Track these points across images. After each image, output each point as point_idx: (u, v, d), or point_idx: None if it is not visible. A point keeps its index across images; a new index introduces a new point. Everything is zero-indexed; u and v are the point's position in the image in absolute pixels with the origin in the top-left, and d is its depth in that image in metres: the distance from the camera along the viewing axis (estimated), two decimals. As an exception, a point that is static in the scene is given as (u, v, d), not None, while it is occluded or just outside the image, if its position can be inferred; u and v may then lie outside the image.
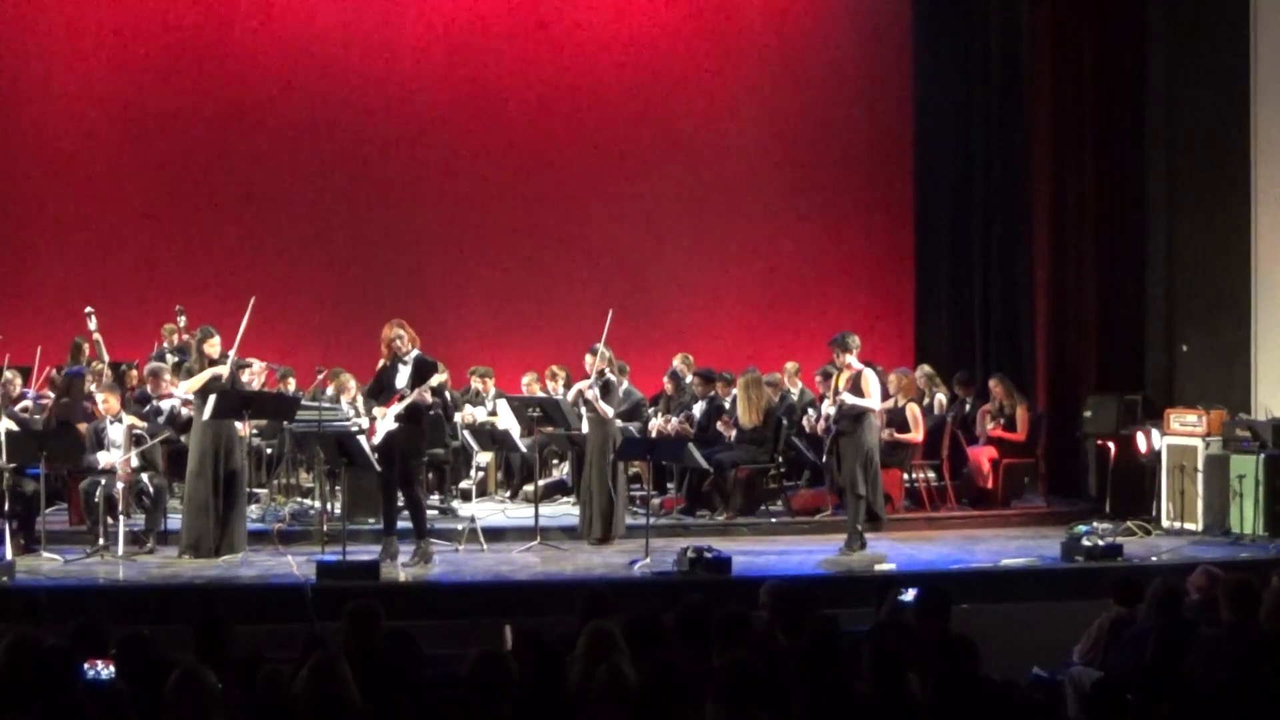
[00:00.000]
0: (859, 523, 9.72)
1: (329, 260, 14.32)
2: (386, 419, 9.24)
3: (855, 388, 9.67)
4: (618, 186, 14.65)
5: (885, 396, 11.62)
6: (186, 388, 9.64)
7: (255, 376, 11.19)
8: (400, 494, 9.35)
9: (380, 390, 9.44)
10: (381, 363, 9.43)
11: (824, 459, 10.01)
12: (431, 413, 9.51)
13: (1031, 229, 13.38)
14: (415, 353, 9.38)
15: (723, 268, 14.72)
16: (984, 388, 12.44)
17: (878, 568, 9.19)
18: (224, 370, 9.41)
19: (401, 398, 9.26)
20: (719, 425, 11.45)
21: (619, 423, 10.88)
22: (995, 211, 13.98)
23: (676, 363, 12.70)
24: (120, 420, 9.82)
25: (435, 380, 9.24)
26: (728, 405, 11.64)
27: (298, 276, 14.18)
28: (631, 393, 12.22)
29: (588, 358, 10.31)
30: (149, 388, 10.55)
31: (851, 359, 9.72)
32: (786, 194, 14.65)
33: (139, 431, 9.86)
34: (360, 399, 11.09)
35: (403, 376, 9.32)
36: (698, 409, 11.64)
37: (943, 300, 14.46)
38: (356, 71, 14.19)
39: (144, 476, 9.68)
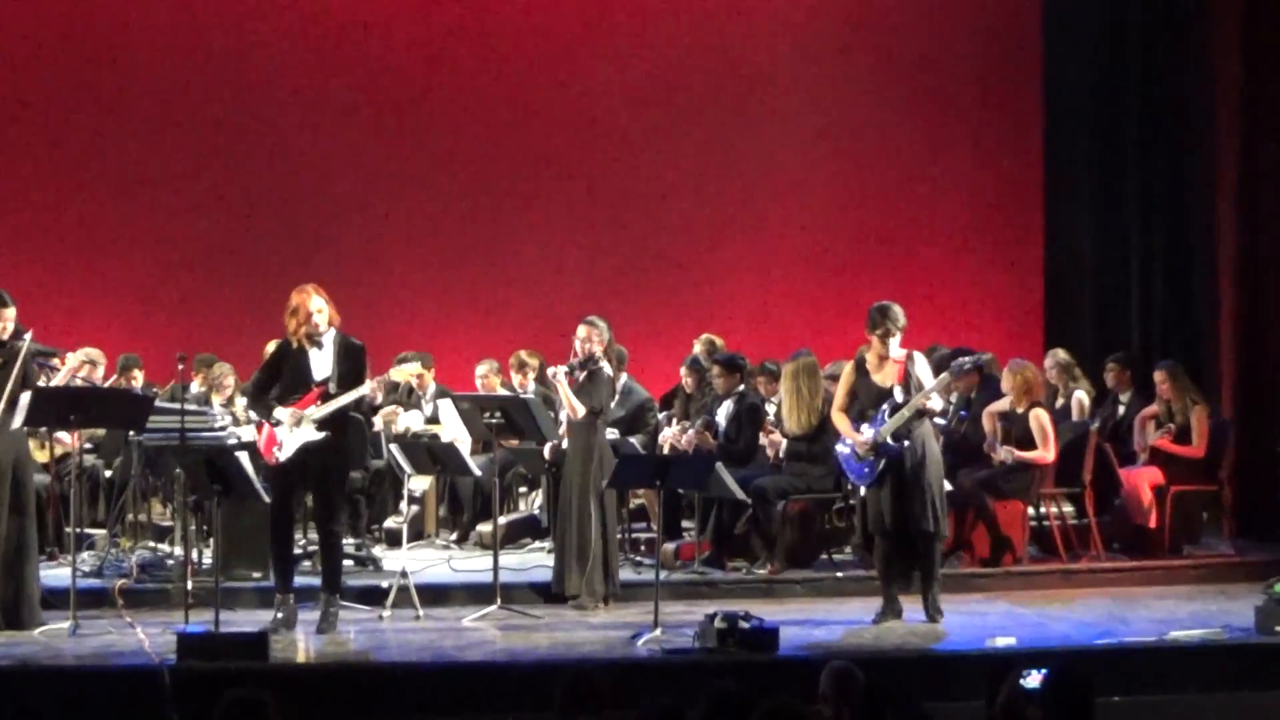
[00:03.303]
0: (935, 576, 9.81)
1: (192, 204, 14.43)
2: (301, 427, 9.23)
3: (909, 382, 9.67)
4: (615, 99, 14.77)
5: (995, 395, 11.63)
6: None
7: (82, 370, 11.22)
8: (318, 533, 9.39)
9: (272, 384, 9.43)
10: (277, 344, 9.42)
11: (862, 487, 9.88)
12: (376, 405, 9.53)
13: (1213, 175, 13.41)
14: (334, 331, 9.40)
15: (767, 221, 14.83)
16: (1146, 383, 12.45)
17: (991, 643, 9.18)
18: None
19: (324, 395, 9.25)
20: (764, 438, 11.42)
21: (612, 432, 10.84)
22: (1158, 153, 14.11)
23: (698, 349, 12.72)
24: None
25: (406, 371, 9.26)
26: (773, 407, 11.64)
27: (148, 227, 14.28)
28: (633, 390, 12.28)
29: (581, 330, 10.33)
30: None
31: (894, 342, 9.73)
32: (862, 120, 14.82)
33: None
34: (240, 398, 11.07)
35: (321, 364, 9.33)
36: (722, 413, 11.64)
37: (1084, 265, 14.59)
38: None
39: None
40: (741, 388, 11.60)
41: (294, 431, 9.24)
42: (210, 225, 14.41)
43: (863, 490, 9.82)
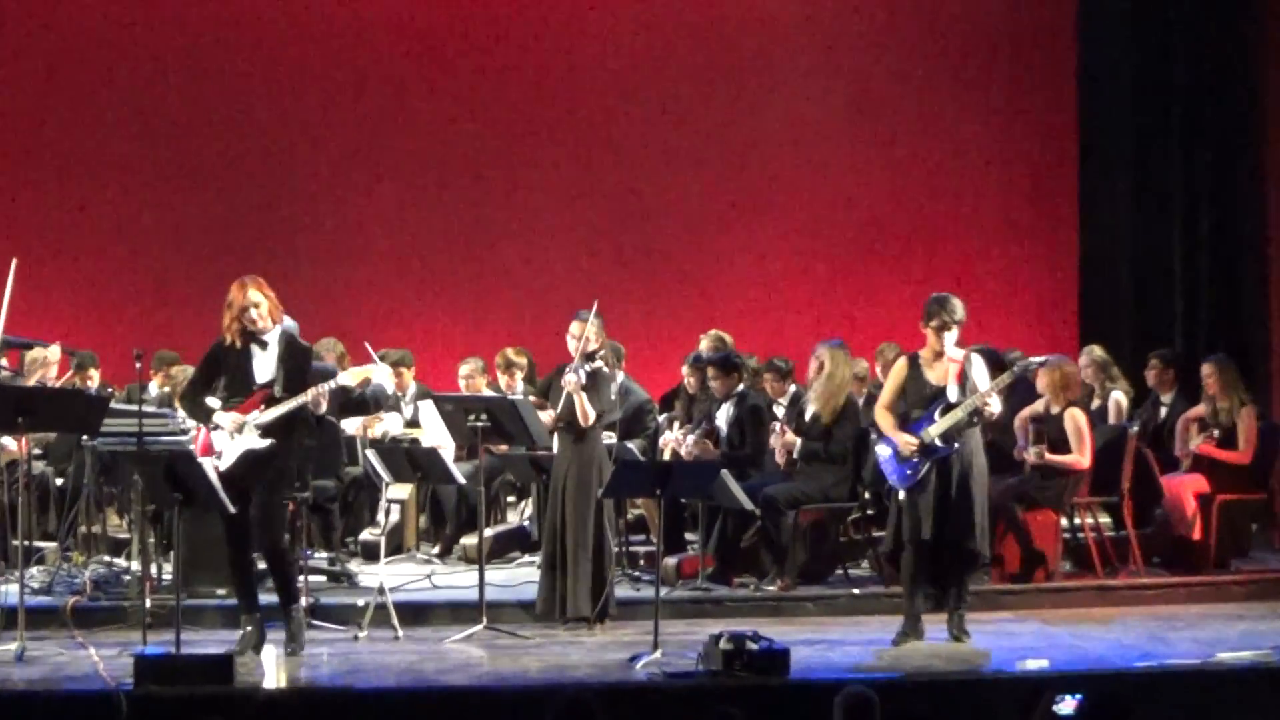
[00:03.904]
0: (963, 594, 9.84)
1: (152, 190, 14.49)
2: (244, 434, 9.19)
3: (965, 384, 9.69)
4: (607, 76, 14.82)
5: (1030, 397, 11.59)
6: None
7: (40, 368, 11.19)
8: (261, 551, 9.36)
9: (207, 385, 9.41)
10: (219, 342, 9.36)
11: (900, 495, 9.87)
12: (319, 414, 9.45)
13: (1262, 159, 13.41)
14: (279, 329, 9.35)
15: (775, 208, 14.87)
16: (1189, 383, 12.43)
17: (1021, 666, 9.15)
18: None
19: (268, 397, 9.21)
20: (773, 440, 11.39)
21: (609, 437, 10.83)
22: (1203, 137, 14.14)
23: (704, 346, 12.69)
24: None
25: (358, 374, 9.20)
26: (781, 409, 11.60)
27: (104, 215, 14.30)
28: (631, 391, 12.26)
29: (573, 327, 10.31)
30: None
31: (951, 337, 9.73)
32: (881, 101, 14.91)
33: None
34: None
35: (264, 365, 9.28)
36: (722, 417, 11.63)
37: (1123, 256, 14.61)
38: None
39: None
40: (741, 388, 11.60)
41: (235, 439, 9.19)
42: (172, 213, 14.46)
43: (901, 494, 9.78)
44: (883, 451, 9.91)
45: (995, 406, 9.69)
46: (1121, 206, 14.63)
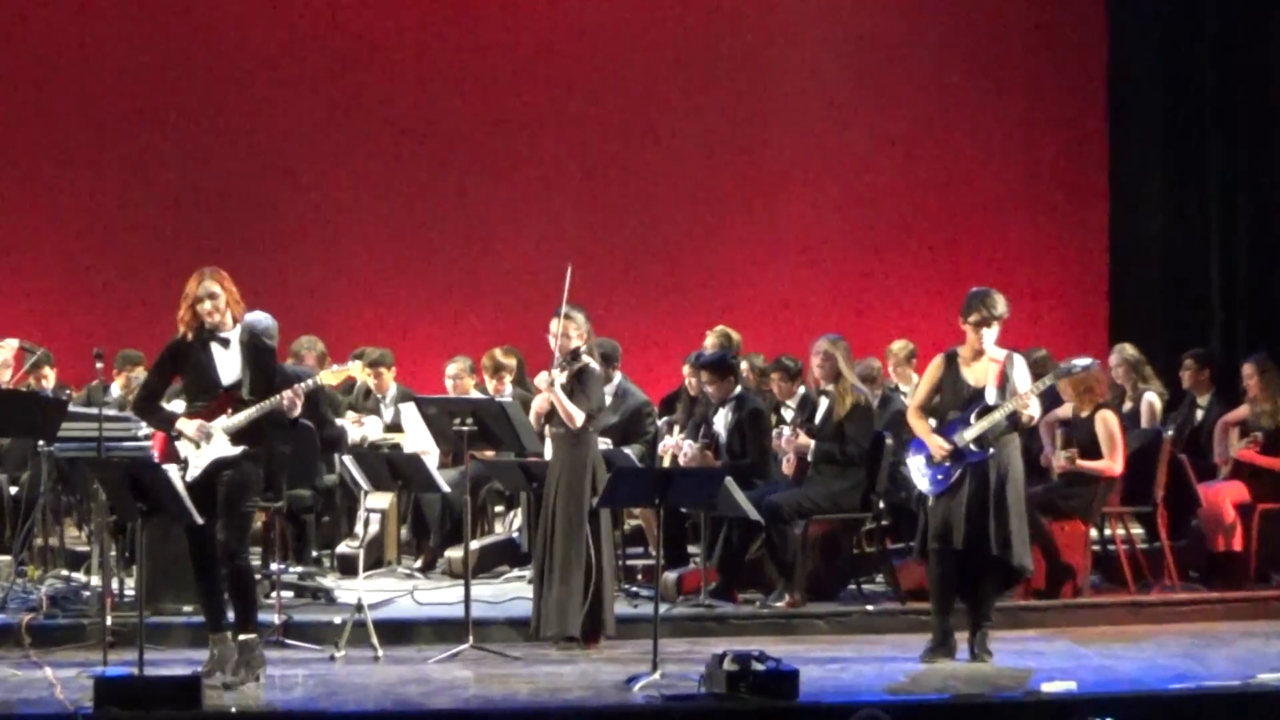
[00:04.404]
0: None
1: (115, 180, 14.50)
2: (212, 442, 9.16)
3: (1006, 386, 9.69)
4: (604, 52, 14.85)
5: (1058, 399, 11.60)
6: None
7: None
8: (225, 567, 9.26)
9: (164, 387, 9.38)
10: (175, 340, 9.32)
11: (928, 500, 9.93)
12: (294, 416, 9.41)
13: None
14: (240, 327, 9.29)
15: (787, 197, 14.90)
16: (1228, 384, 12.43)
17: (1047, 687, 9.12)
18: None
19: (232, 400, 9.19)
20: (781, 444, 11.37)
21: (604, 442, 10.76)
22: (1239, 122, 14.18)
23: (709, 344, 12.69)
24: None
25: (330, 376, 9.18)
26: (792, 404, 11.62)
27: (62, 206, 14.32)
28: (628, 393, 12.26)
29: (554, 325, 10.30)
30: None
31: (991, 335, 9.71)
32: (900, 81, 14.94)
33: None
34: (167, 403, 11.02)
35: (227, 365, 9.21)
36: (720, 422, 11.62)
37: (1156, 249, 14.62)
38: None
39: None
40: (739, 391, 11.60)
41: (203, 447, 9.14)
42: (136, 203, 14.48)
43: (930, 499, 9.80)
44: (914, 460, 9.92)
45: (1035, 410, 9.70)
46: (1154, 195, 14.66)
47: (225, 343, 9.20)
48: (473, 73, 14.84)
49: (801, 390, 11.91)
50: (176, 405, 9.34)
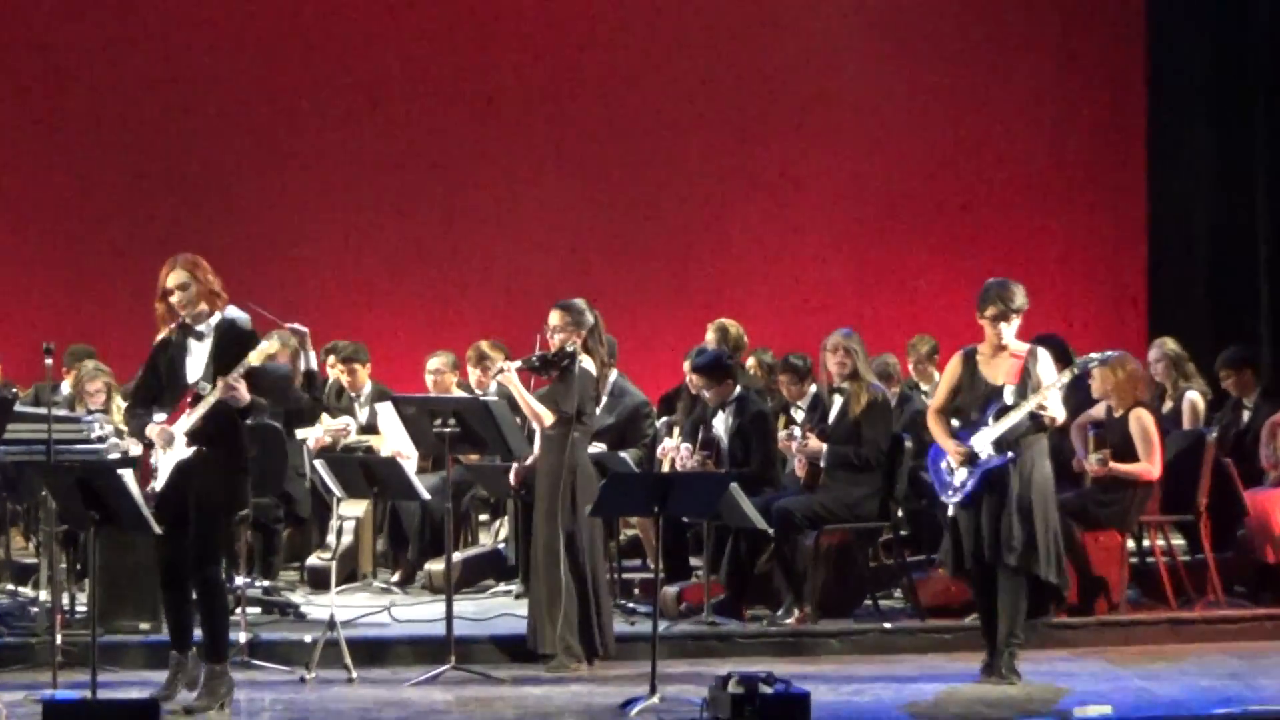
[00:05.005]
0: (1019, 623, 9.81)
1: (65, 163, 14.53)
2: (176, 442, 9.15)
3: (1027, 383, 9.69)
4: (599, 21, 14.82)
5: (1090, 399, 11.58)
6: None
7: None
8: (193, 583, 9.25)
9: (157, 389, 9.32)
10: (160, 337, 9.31)
11: (949, 511, 9.97)
12: (250, 420, 9.38)
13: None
14: (220, 317, 9.27)
15: (797, 180, 14.94)
16: (1278, 383, 12.40)
17: (1080, 712, 9.10)
18: None
19: (195, 399, 9.16)
20: (792, 447, 11.34)
21: (598, 446, 10.73)
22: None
23: (711, 337, 12.69)
24: None
25: (257, 355, 9.10)
26: (802, 407, 11.61)
27: (6, 191, 14.38)
28: (626, 392, 12.27)
29: (553, 316, 10.30)
30: None
31: (1011, 329, 9.73)
32: (920, 52, 14.98)
33: None
34: (120, 405, 11.08)
35: (196, 361, 9.20)
36: (720, 426, 11.62)
37: (1198, 236, 14.67)
38: None
39: None
40: (739, 391, 11.61)
41: (166, 453, 9.15)
42: (87, 188, 14.47)
43: (951, 509, 9.83)
44: (935, 469, 9.95)
45: (1055, 409, 9.70)
46: (1197, 177, 14.69)
47: (200, 336, 9.18)
48: (457, 45, 14.84)
49: (813, 390, 11.89)
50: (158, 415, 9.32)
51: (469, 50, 14.85)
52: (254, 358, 9.13)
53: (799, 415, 11.76)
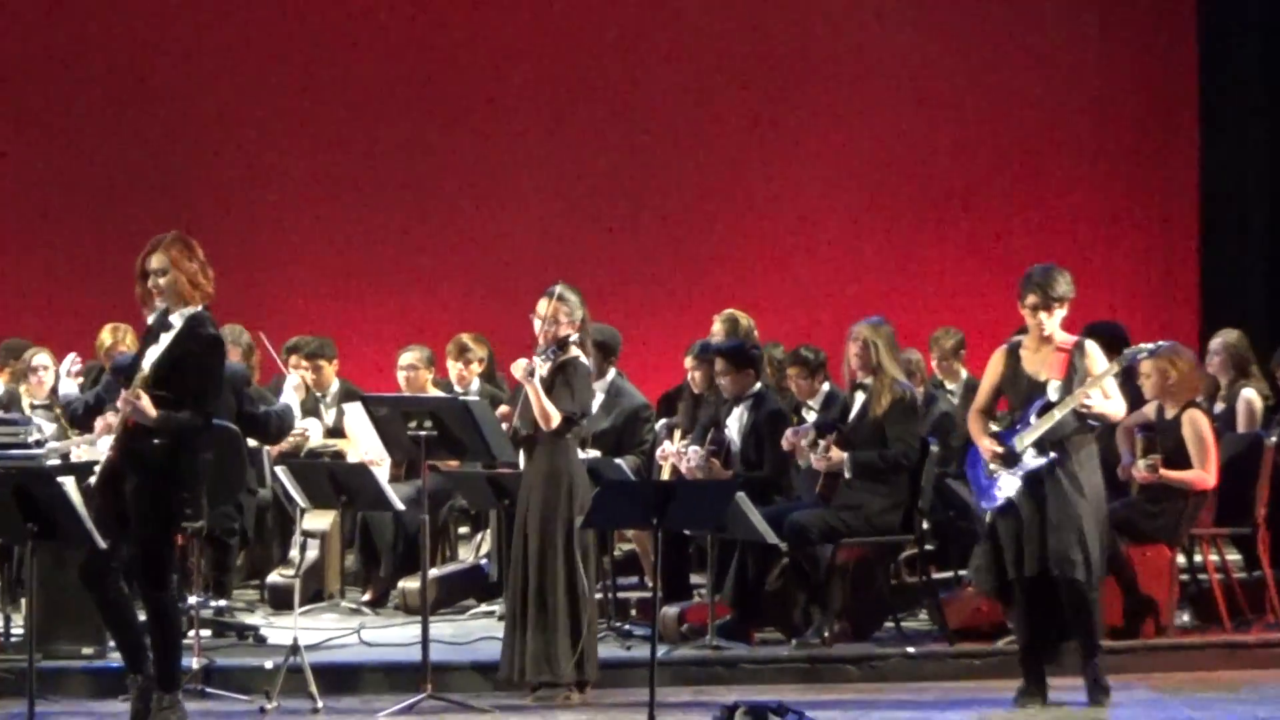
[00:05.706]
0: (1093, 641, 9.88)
1: (6, 144, 14.55)
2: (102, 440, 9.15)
3: (1072, 378, 9.72)
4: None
5: (1140, 399, 11.56)
6: None
7: None
8: (142, 599, 9.27)
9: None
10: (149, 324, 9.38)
11: (987, 518, 10.00)
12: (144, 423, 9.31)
13: None
14: (193, 311, 9.22)
15: (810, 162, 15.02)
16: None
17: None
18: None
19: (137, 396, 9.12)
20: (808, 451, 11.30)
21: (591, 451, 10.77)
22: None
23: (718, 329, 12.72)
24: None
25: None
26: (813, 405, 11.69)
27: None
28: (623, 392, 12.32)
29: (541, 305, 10.27)
30: None
31: (1054, 320, 9.74)
32: (948, 22, 15.10)
33: None
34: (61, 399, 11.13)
35: (156, 352, 9.17)
36: (734, 424, 11.65)
37: (1255, 223, 14.78)
38: None
39: None
40: (758, 387, 11.62)
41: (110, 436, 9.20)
42: (28, 170, 14.51)
43: (988, 516, 9.86)
44: (973, 473, 10.04)
45: (1102, 406, 9.68)
46: (1252, 164, 14.70)
47: (169, 326, 9.17)
48: (436, 22, 14.89)
49: (826, 388, 11.88)
50: None
51: (449, 27, 14.89)
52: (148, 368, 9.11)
53: (811, 417, 11.79)
